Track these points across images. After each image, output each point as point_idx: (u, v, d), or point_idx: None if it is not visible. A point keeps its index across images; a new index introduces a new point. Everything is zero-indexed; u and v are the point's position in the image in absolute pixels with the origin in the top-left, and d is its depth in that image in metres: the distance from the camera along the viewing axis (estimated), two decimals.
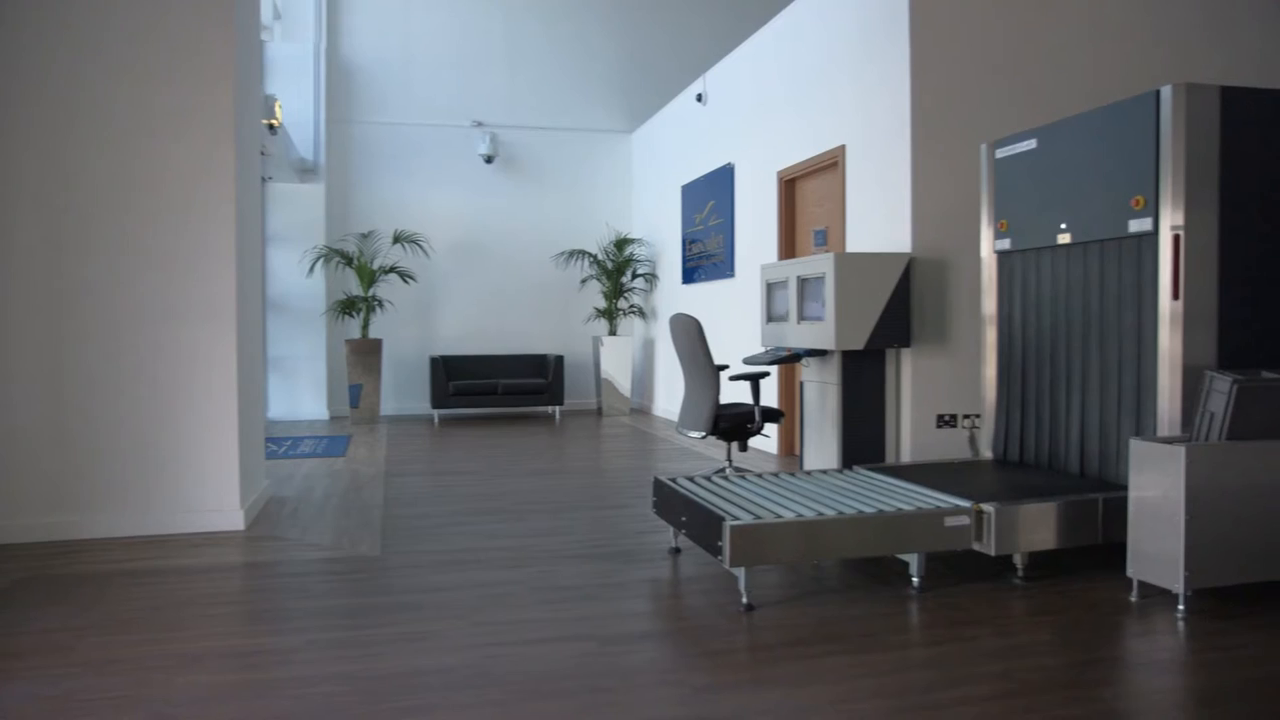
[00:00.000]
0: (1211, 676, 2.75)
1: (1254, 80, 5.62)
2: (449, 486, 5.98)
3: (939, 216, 5.31)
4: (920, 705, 2.53)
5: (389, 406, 10.44)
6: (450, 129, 10.62)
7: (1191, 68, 5.67)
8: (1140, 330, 3.86)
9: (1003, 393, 4.67)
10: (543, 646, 3.01)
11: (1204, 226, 3.65)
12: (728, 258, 8.22)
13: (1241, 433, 3.38)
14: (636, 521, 4.86)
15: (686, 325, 5.13)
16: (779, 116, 7.10)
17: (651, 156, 10.61)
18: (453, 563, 4.06)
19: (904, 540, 3.51)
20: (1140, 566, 3.43)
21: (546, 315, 10.94)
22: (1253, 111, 3.73)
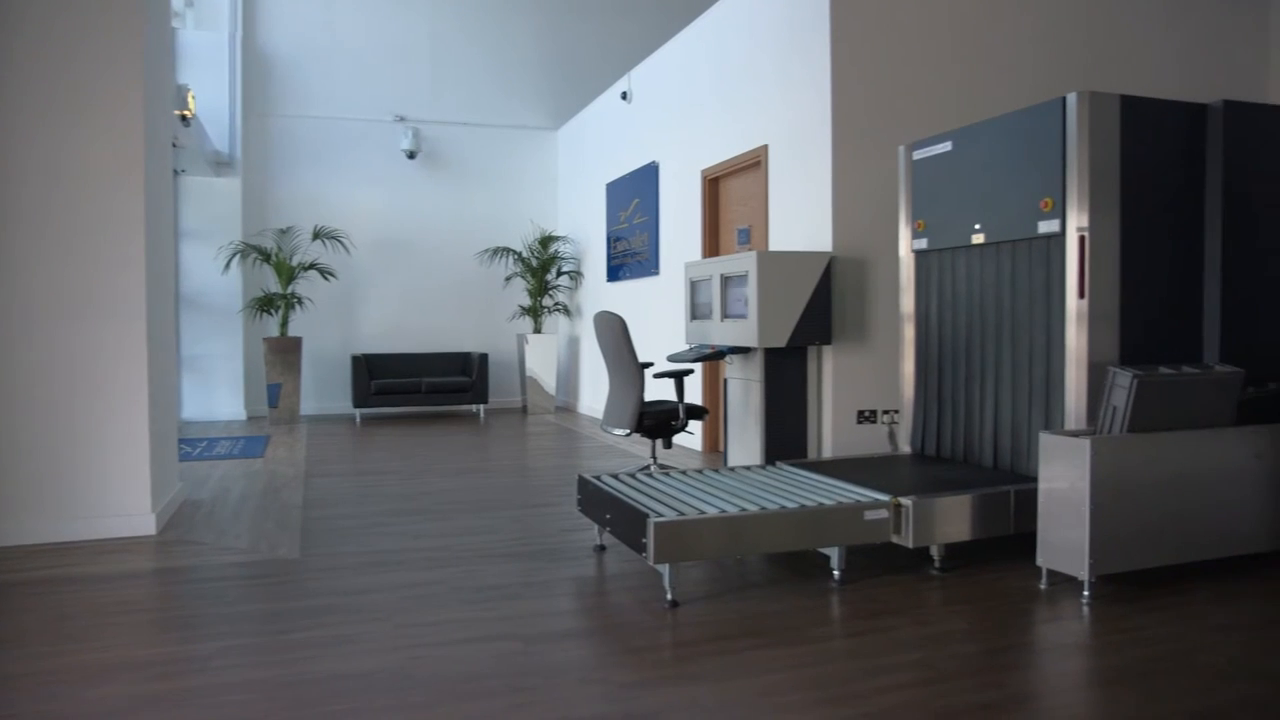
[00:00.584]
0: (1114, 657, 2.87)
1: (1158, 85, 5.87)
2: (371, 487, 5.88)
3: (859, 216, 5.41)
4: (842, 695, 2.58)
5: (309, 406, 10.21)
6: (372, 124, 10.43)
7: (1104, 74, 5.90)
8: (1049, 327, 4.00)
9: (920, 389, 4.79)
10: (466, 647, 2.98)
11: (1107, 228, 3.81)
12: (652, 256, 8.25)
13: (1142, 425, 3.53)
14: (561, 520, 4.85)
15: (611, 323, 5.13)
16: (703, 115, 7.16)
17: (577, 154, 10.59)
18: (375, 564, 4.00)
19: (825, 534, 3.58)
20: (1049, 555, 3.56)
21: (470, 313, 10.84)
22: (1149, 119, 3.89)
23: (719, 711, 2.49)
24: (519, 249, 10.68)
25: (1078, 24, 5.92)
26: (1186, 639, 3.02)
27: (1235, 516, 3.70)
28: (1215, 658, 2.85)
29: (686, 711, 2.49)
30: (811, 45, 5.56)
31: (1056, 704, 2.57)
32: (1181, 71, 6.18)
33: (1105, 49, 5.99)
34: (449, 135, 10.72)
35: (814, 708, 2.50)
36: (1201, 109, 4.00)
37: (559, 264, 10.59)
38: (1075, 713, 2.50)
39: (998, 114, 4.61)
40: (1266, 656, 2.87)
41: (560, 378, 10.93)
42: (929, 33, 5.56)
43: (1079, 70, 5.88)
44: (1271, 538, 3.79)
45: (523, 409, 10.55)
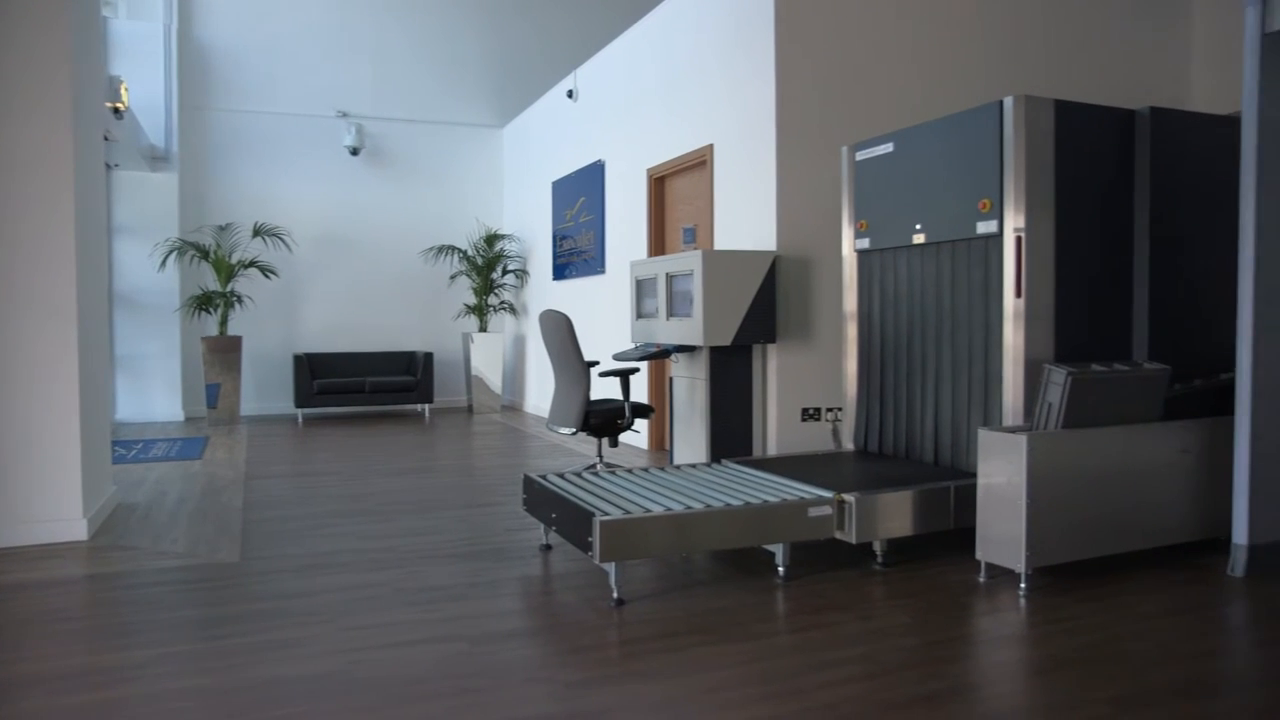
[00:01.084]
0: (1049, 647, 2.94)
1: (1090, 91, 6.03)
2: (314, 488, 5.78)
3: (803, 216, 5.47)
4: (786, 691, 2.61)
5: (250, 406, 10.02)
6: (314, 119, 10.26)
7: (1039, 79, 6.04)
8: (987, 326, 4.08)
9: (863, 386, 4.86)
10: (411, 649, 2.95)
11: (1042, 229, 3.90)
12: (598, 254, 8.25)
13: (1076, 421, 3.63)
14: (507, 519, 4.83)
15: (556, 321, 5.12)
16: (649, 114, 7.17)
17: (522, 152, 10.54)
18: (317, 566, 3.94)
19: (770, 531, 3.61)
20: (987, 549, 3.64)
21: (415, 311, 10.73)
22: (1082, 123, 4.00)
23: (665, 708, 2.50)
24: (464, 247, 10.60)
25: (1015, 31, 6.05)
26: (1117, 627, 3.11)
27: (1162, 508, 3.82)
28: (1143, 644, 2.94)
29: (633, 709, 2.49)
30: (757, 46, 5.60)
31: (995, 693, 2.63)
32: (1112, 79, 6.35)
33: (1041, 55, 6.14)
34: (393, 132, 10.60)
35: (759, 703, 2.53)
36: (1130, 115, 4.12)
37: (505, 262, 10.53)
38: (1013, 701, 2.56)
39: (938, 116, 4.69)
40: (1190, 641, 2.97)
41: (506, 377, 10.87)
42: (872, 35, 5.64)
43: (1016, 75, 6.02)
44: (1196, 528, 3.92)
45: (468, 408, 10.47)
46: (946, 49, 5.84)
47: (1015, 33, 6.06)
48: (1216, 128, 4.24)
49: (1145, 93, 6.39)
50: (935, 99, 5.73)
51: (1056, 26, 6.20)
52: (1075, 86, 6.11)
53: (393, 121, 10.58)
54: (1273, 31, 3.66)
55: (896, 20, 5.71)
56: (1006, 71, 6.00)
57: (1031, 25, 6.11)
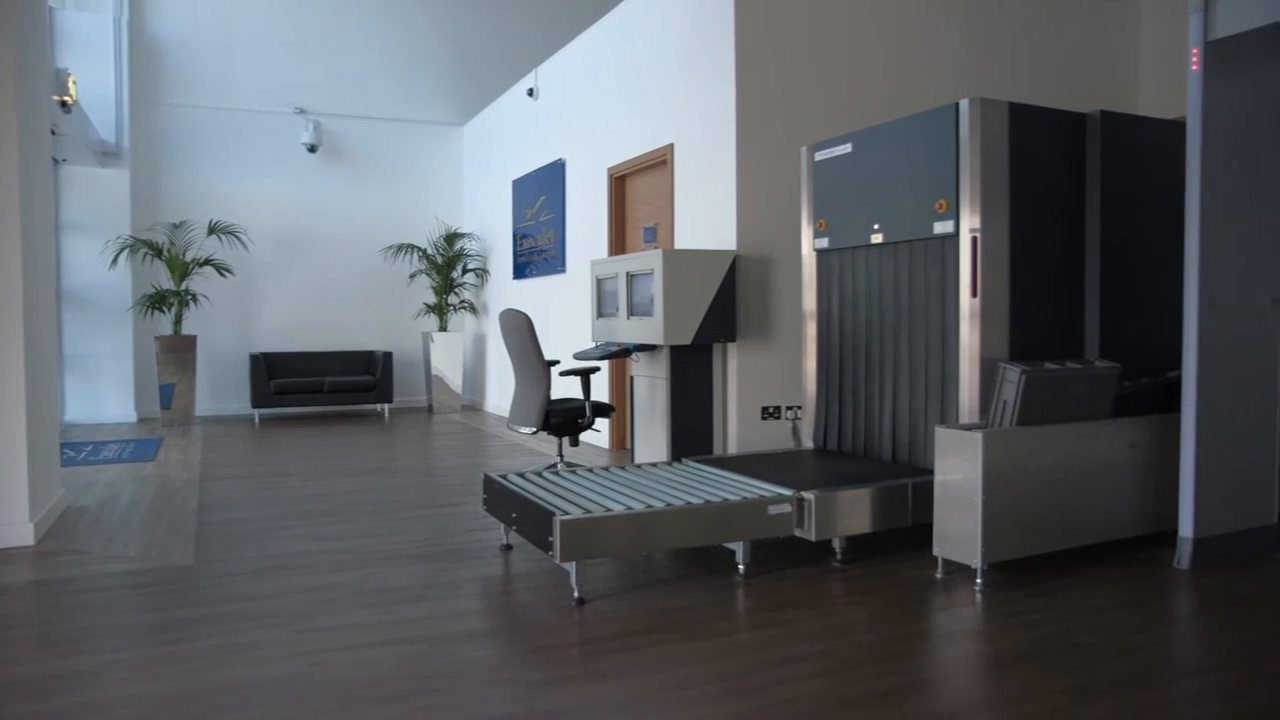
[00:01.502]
0: (1004, 640, 2.99)
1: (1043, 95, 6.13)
2: (271, 489, 5.70)
3: (763, 215, 5.51)
4: (747, 688, 2.63)
5: (205, 407, 9.85)
6: (271, 115, 10.11)
7: (994, 82, 6.13)
8: (944, 325, 4.14)
9: (822, 385, 4.90)
10: (370, 651, 2.92)
11: (997, 229, 3.96)
12: (559, 253, 8.23)
13: (1030, 419, 3.69)
14: (468, 519, 4.80)
15: (517, 321, 5.10)
16: (610, 113, 7.17)
17: (483, 150, 10.48)
18: (274, 568, 3.88)
19: (730, 529, 3.63)
20: (944, 545, 3.69)
21: (374, 311, 10.62)
22: (1035, 126, 4.07)
23: (625, 707, 2.50)
24: (424, 246, 10.52)
25: (971, 34, 6.14)
26: (1070, 620, 3.17)
27: (1113, 503, 3.90)
28: (1095, 636, 3.00)
29: (593, 709, 2.49)
30: (716, 46, 5.62)
31: (951, 687, 2.66)
32: (1064, 82, 6.47)
33: (996, 59, 6.23)
34: (352, 129, 10.48)
35: (719, 700, 2.54)
36: (1081, 118, 4.20)
37: (465, 261, 10.47)
38: (970, 695, 2.60)
39: (896, 117, 4.74)
40: (1139, 633, 3.04)
41: (466, 376, 10.80)
42: (832, 36, 5.69)
43: (972, 78, 6.10)
44: (1145, 522, 4.01)
45: (428, 408, 10.40)
46: (904, 51, 5.91)
47: (971, 36, 6.15)
48: (1163, 131, 4.34)
49: (1096, 96, 6.52)
50: (893, 100, 5.79)
51: (1011, 30, 6.30)
52: (1029, 89, 6.21)
53: (352, 119, 10.46)
54: (1215, 39, 3.75)
55: (855, 22, 5.77)
56: (963, 74, 6.08)
57: (987, 29, 6.21)
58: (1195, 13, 3.79)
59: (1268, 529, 4.05)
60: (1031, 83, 6.30)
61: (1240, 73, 3.87)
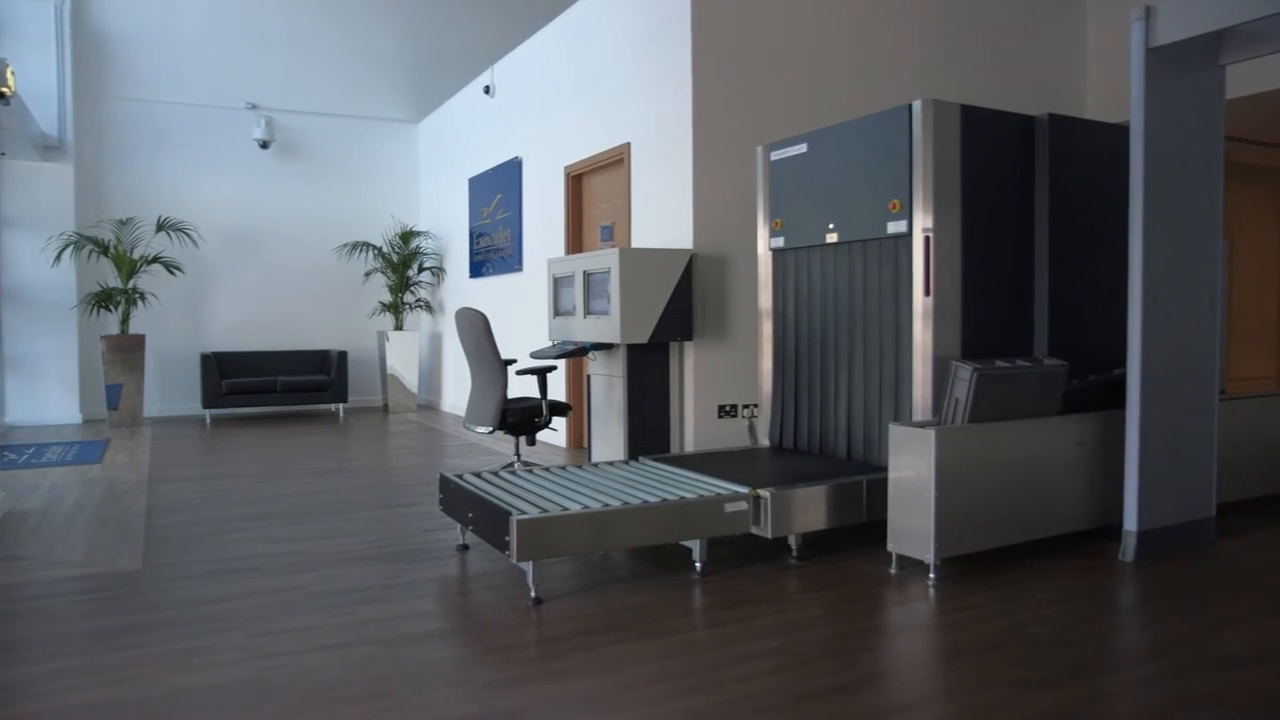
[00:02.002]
0: (956, 634, 3.04)
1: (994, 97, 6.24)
2: (222, 491, 5.61)
3: (719, 214, 5.54)
4: (704, 685, 2.64)
5: (154, 407, 9.66)
6: (222, 110, 9.94)
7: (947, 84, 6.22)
8: (898, 324, 4.19)
9: (778, 383, 4.94)
10: (325, 654, 2.89)
11: (949, 229, 4.02)
12: (515, 252, 8.20)
13: (981, 416, 3.76)
14: (424, 520, 4.77)
15: (473, 319, 5.07)
16: (567, 112, 7.15)
17: (438, 148, 10.40)
18: (226, 571, 3.82)
19: (687, 527, 3.65)
20: (898, 541, 3.74)
21: (328, 309, 10.49)
22: (986, 127, 4.14)
23: (583, 706, 2.50)
24: (379, 244, 10.41)
25: (925, 37, 6.23)
26: (1019, 613, 3.23)
27: (1061, 498, 3.99)
28: (1043, 628, 3.07)
29: (550, 708, 2.49)
30: (673, 45, 5.64)
31: (905, 681, 2.71)
32: (1015, 85, 6.59)
33: (950, 61, 6.33)
34: (305, 125, 10.34)
35: (676, 698, 2.55)
36: (1030, 120, 4.28)
37: (420, 259, 10.38)
38: (922, 688, 2.64)
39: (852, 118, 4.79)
40: (1085, 624, 3.11)
41: (422, 375, 10.71)
42: (787, 36, 5.73)
43: (925, 79, 6.19)
44: (1091, 517, 4.10)
45: (384, 408, 10.30)
46: (860, 52, 5.98)
47: (925, 39, 6.23)
48: (1108, 134, 4.44)
49: (1045, 99, 6.65)
50: (849, 101, 5.85)
51: (964, 35, 6.41)
52: (981, 92, 6.31)
53: (305, 115, 10.32)
54: (1156, 46, 3.85)
55: (811, 22, 5.82)
56: (917, 76, 6.17)
57: (940, 32, 6.30)
58: (1137, 21, 3.88)
59: (1207, 521, 4.16)
60: (983, 86, 6.41)
61: (1179, 79, 3.97)
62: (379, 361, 10.46)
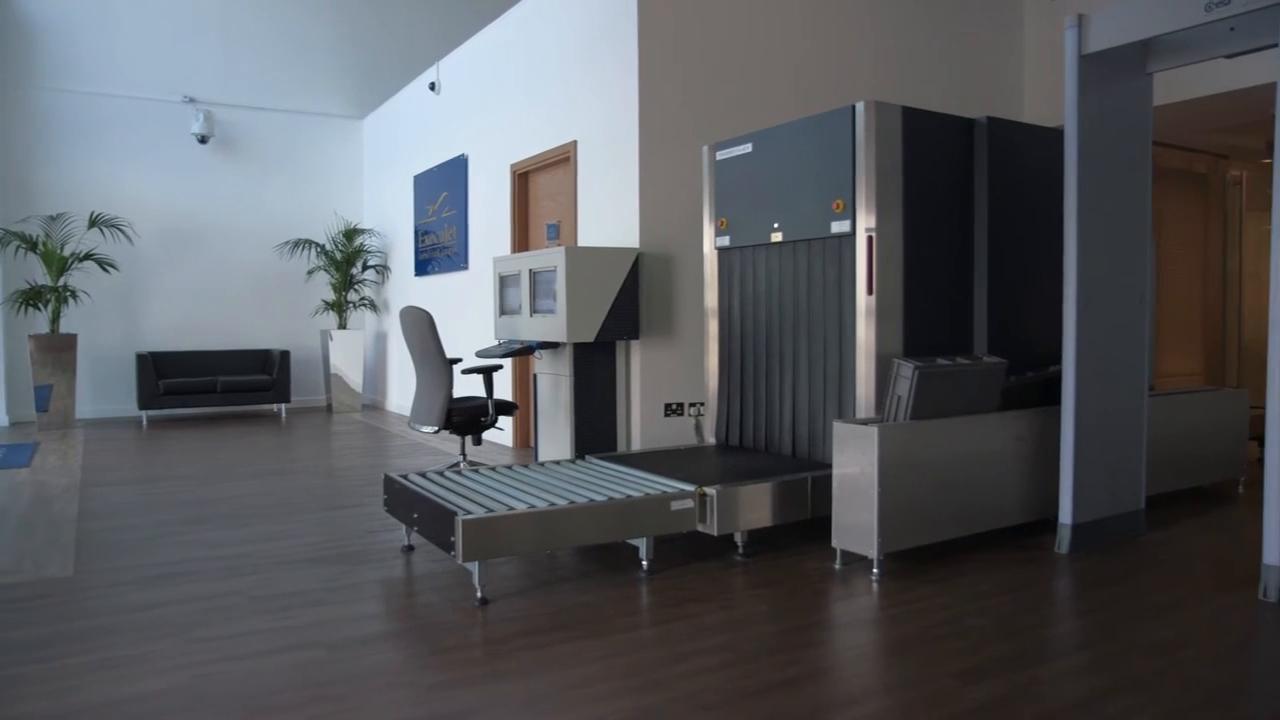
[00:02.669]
0: (898, 627, 3.09)
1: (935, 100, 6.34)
2: (159, 494, 5.48)
3: (665, 213, 5.55)
4: (649, 683, 2.65)
5: (86, 409, 9.38)
6: (157, 103, 9.69)
7: (890, 87, 6.31)
8: (841, 322, 4.25)
9: (723, 381, 4.97)
10: (266, 659, 2.84)
11: (891, 229, 4.09)
12: (461, 250, 8.13)
13: (923, 413, 3.82)
14: (368, 521, 4.71)
15: (417, 318, 5.02)
16: (513, 109, 7.11)
17: (383, 144, 10.27)
18: (162, 577, 3.73)
19: (634, 525, 3.65)
20: (842, 537, 3.79)
21: (270, 308, 10.29)
22: (927, 129, 4.21)
23: (528, 706, 2.49)
24: (322, 241, 10.25)
25: (869, 39, 6.31)
26: (959, 606, 3.30)
27: (999, 493, 4.08)
28: (983, 620, 3.13)
29: (496, 709, 2.48)
30: (619, 44, 5.64)
31: (849, 675, 2.74)
32: (955, 89, 6.71)
33: (892, 64, 6.42)
34: (245, 120, 10.13)
35: (622, 696, 2.56)
36: (970, 123, 4.36)
37: (365, 257, 10.24)
38: (866, 682, 2.68)
39: (797, 118, 4.84)
40: (1023, 615, 3.19)
41: (367, 375, 10.58)
42: (734, 36, 5.77)
43: (869, 80, 6.27)
44: (1028, 510, 4.20)
45: (328, 408, 10.14)
46: (805, 53, 6.04)
47: (869, 41, 6.32)
48: (1044, 138, 4.55)
49: (984, 103, 6.78)
50: (794, 101, 5.91)
51: (907, 38, 6.51)
52: (922, 95, 6.42)
53: (245, 109, 10.11)
54: (1088, 53, 3.95)
55: (757, 22, 5.86)
56: (860, 77, 6.25)
57: (884, 35, 6.39)
58: (1070, 28, 3.99)
59: (1137, 513, 4.29)
60: (925, 89, 6.52)
61: (1110, 85, 4.08)
62: (322, 361, 10.30)
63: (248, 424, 9.00)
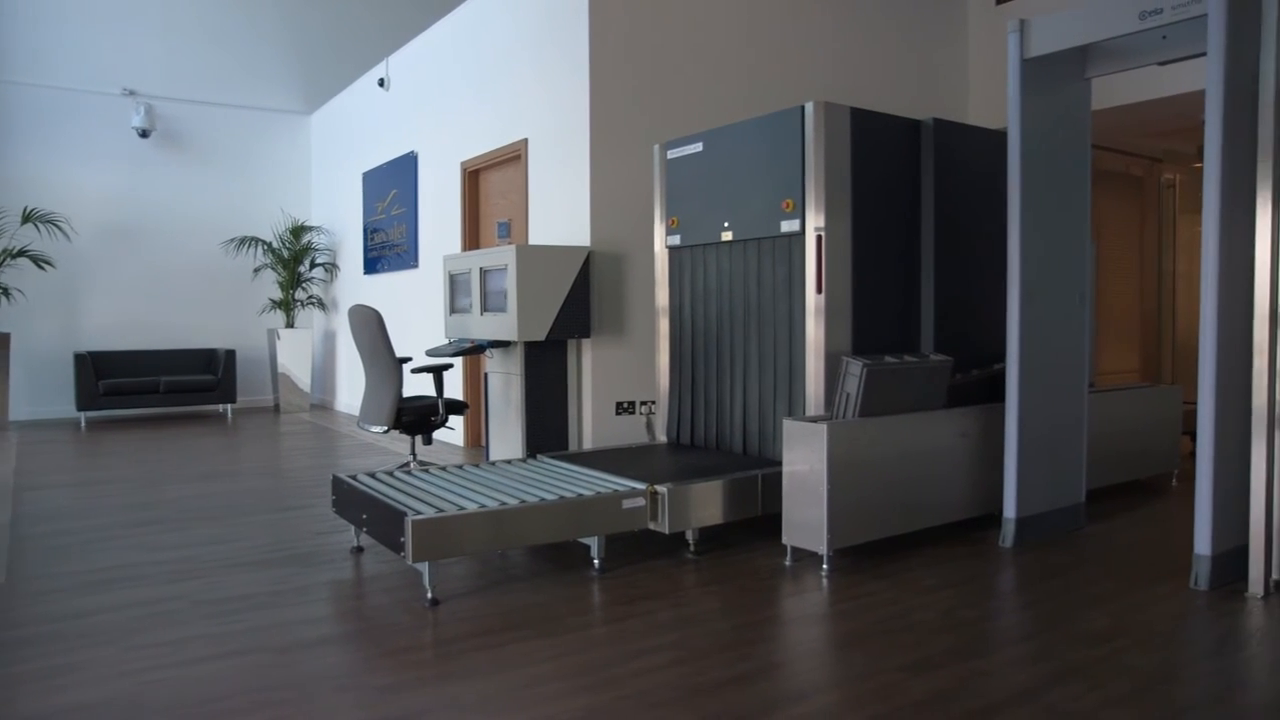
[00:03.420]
0: (848, 622, 3.13)
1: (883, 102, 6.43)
2: (99, 498, 5.34)
3: (616, 212, 5.55)
4: (601, 681, 2.65)
5: (21, 410, 9.12)
6: (96, 96, 9.44)
7: (839, 88, 6.38)
8: (791, 321, 4.29)
9: (675, 380, 4.99)
10: (210, 664, 2.79)
11: (840, 229, 4.13)
12: (411, 248, 8.05)
13: (871, 410, 3.88)
14: (317, 522, 4.64)
15: (366, 317, 4.96)
16: (463, 107, 7.06)
17: (331, 141, 10.13)
18: (101, 583, 3.64)
19: (585, 524, 3.65)
20: (792, 533, 3.83)
21: (216, 306, 10.09)
22: (875, 130, 4.27)
23: (480, 707, 2.48)
24: (269, 239, 10.07)
25: (819, 41, 6.37)
26: (907, 601, 3.35)
27: (945, 489, 4.15)
28: (929, 614, 3.19)
29: (447, 710, 2.46)
30: (571, 41, 5.63)
31: (798, 670, 2.77)
32: (903, 91, 6.81)
33: (841, 65, 6.49)
34: (189, 114, 9.92)
35: (574, 695, 2.56)
36: (917, 124, 4.43)
37: (313, 255, 10.09)
38: (815, 676, 2.71)
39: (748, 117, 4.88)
40: (966, 609, 3.25)
41: (315, 374, 10.42)
42: (685, 35, 5.79)
43: (819, 81, 6.34)
44: (973, 505, 4.28)
45: (275, 408, 9.98)
46: (757, 53, 6.08)
47: (818, 43, 6.38)
48: (988, 139, 4.64)
49: (931, 105, 6.89)
50: (745, 100, 5.95)
51: (855, 40, 6.58)
52: (871, 96, 6.51)
53: (188, 103, 9.90)
54: (1030, 58, 4.04)
55: (709, 21, 5.89)
56: (810, 78, 6.31)
57: (833, 36, 6.46)
58: (1013, 33, 4.07)
59: (1077, 506, 4.40)
60: (873, 90, 6.60)
61: (1051, 89, 4.18)
62: (270, 360, 10.13)
63: (192, 425, 8.82)
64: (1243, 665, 2.79)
